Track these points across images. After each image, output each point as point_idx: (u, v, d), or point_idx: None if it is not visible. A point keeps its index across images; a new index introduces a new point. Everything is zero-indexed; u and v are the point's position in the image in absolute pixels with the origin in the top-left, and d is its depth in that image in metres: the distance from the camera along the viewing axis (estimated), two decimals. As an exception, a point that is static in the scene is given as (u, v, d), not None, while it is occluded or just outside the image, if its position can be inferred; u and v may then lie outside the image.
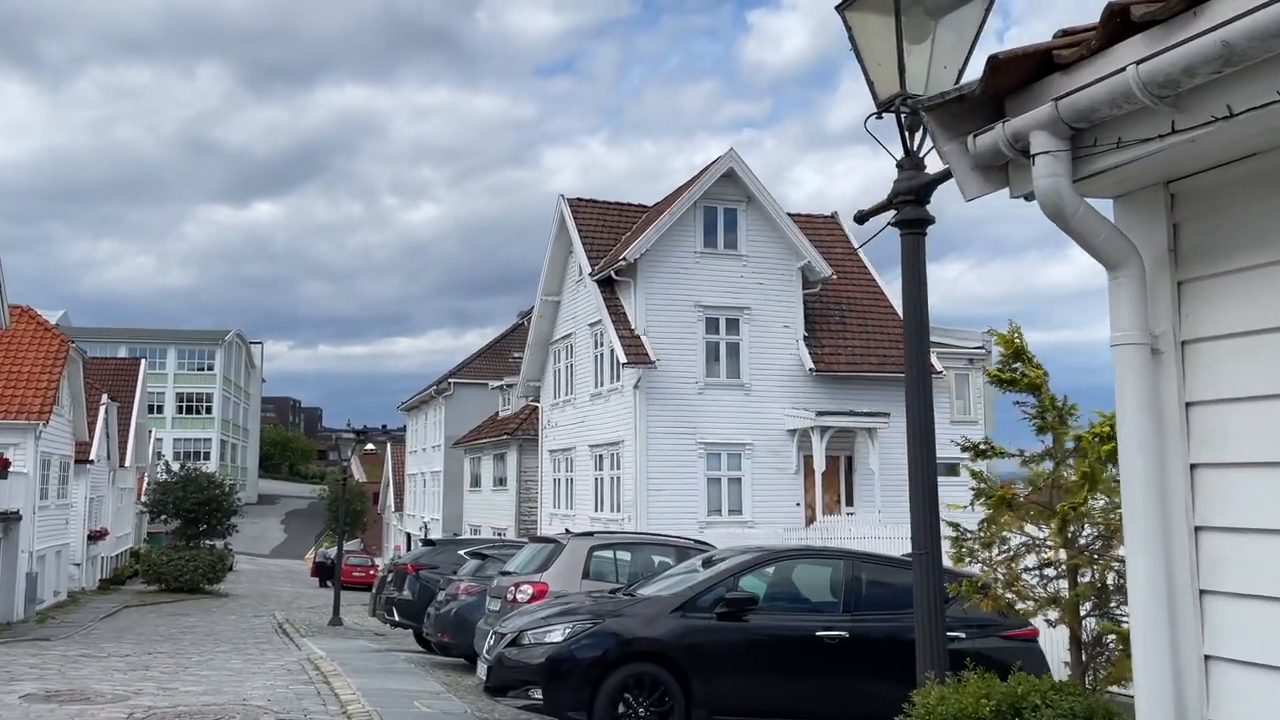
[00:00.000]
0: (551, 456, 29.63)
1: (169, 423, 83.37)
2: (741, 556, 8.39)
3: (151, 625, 23.94)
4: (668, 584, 8.55)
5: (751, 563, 8.20)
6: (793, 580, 8.35)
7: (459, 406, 45.59)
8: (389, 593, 15.49)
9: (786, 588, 8.29)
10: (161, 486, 39.30)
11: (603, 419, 25.37)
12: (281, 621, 23.55)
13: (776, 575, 8.27)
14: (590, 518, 25.94)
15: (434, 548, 15.69)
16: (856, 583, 8.23)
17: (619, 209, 27.94)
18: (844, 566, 8.30)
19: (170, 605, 32.19)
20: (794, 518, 23.99)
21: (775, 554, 8.36)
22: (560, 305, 29.09)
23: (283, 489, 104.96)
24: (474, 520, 39.60)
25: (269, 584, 46.48)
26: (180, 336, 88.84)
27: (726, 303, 24.13)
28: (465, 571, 13.46)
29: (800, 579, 8.39)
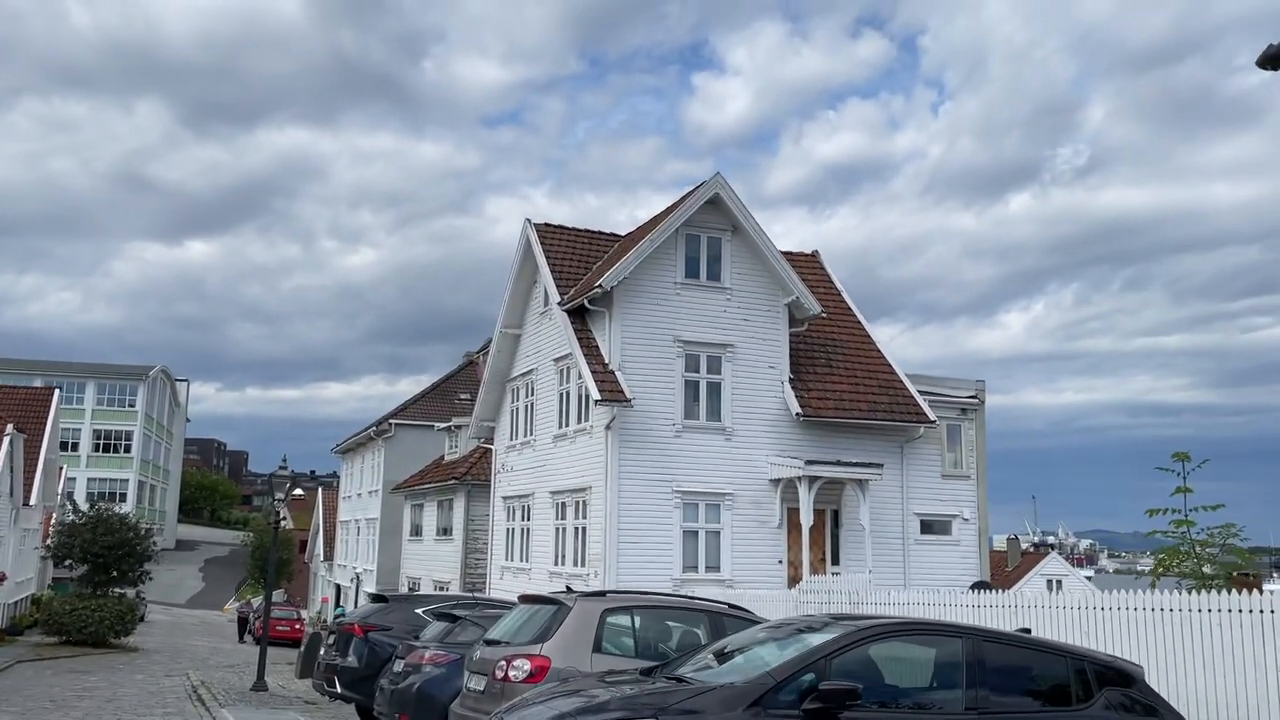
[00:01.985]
0: (505, 504, 27.22)
1: (84, 461, 78.64)
2: (829, 632, 6.27)
3: (44, 686, 20.85)
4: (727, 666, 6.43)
5: (847, 640, 6.10)
6: (898, 663, 6.28)
7: (399, 449, 42.90)
8: (329, 657, 12.99)
9: (890, 673, 6.22)
10: (69, 528, 35.73)
11: (568, 463, 23.14)
12: (196, 685, 20.65)
13: (876, 656, 6.19)
14: (549, 572, 23.59)
15: (386, 605, 13.25)
16: (980, 668, 6.20)
17: (589, 236, 26.01)
18: (963, 646, 6.26)
19: (70, 660, 28.78)
20: (775, 577, 21.94)
21: (875, 628, 6.28)
22: (521, 339, 26.91)
23: (203, 534, 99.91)
24: (413, 572, 36.77)
25: (184, 637, 42.81)
26: (100, 371, 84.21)
27: (708, 338, 22.23)
28: (430, 635, 11.09)
29: (907, 661, 6.33)
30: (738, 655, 6.69)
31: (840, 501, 22.74)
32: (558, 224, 26.11)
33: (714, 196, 22.38)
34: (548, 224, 25.85)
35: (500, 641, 8.65)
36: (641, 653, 8.46)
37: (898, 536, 23.13)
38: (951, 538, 23.88)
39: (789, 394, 22.53)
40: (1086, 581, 55.62)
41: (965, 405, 24.36)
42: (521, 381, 26.69)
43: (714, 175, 22.37)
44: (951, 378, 25.23)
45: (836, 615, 7.62)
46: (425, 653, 10.32)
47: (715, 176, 22.32)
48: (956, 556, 23.81)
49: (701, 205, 22.31)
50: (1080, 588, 53.14)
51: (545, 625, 8.37)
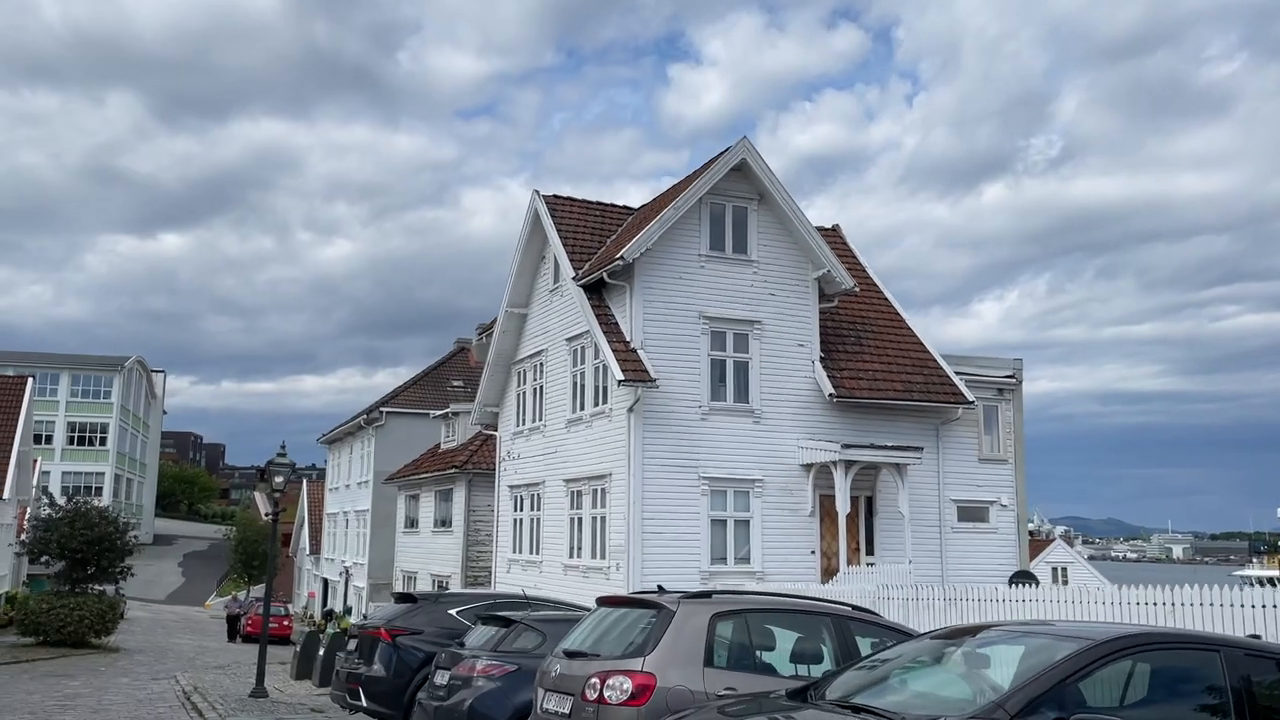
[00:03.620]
0: (512, 493, 25.76)
1: (58, 454, 76.34)
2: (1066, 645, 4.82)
3: (22, 694, 19.20)
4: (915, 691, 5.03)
5: (1091, 657, 4.71)
6: (1152, 683, 4.90)
7: (390, 439, 41.27)
8: (350, 665, 11.47)
9: (1138, 697, 4.86)
10: (45, 523, 33.91)
11: (584, 449, 21.70)
12: (188, 690, 19.09)
13: (1120, 677, 4.82)
14: (563, 564, 22.19)
15: (414, 606, 11.71)
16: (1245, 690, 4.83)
17: (601, 209, 24.51)
18: (1222, 661, 4.90)
19: (49, 663, 27.07)
20: (808, 568, 20.62)
21: (1120, 642, 4.87)
22: (528, 319, 25.43)
23: (181, 529, 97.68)
24: (409, 566, 35.23)
25: (166, 635, 41.04)
26: (75, 361, 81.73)
27: (735, 314, 20.82)
28: (478, 642, 9.59)
29: (1153, 681, 4.95)
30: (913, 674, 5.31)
31: (875, 487, 21.43)
32: (567, 195, 24.60)
33: (740, 163, 20.96)
34: (557, 196, 24.34)
35: (584, 654, 7.18)
36: (759, 666, 7.06)
37: (934, 524, 21.86)
38: (989, 525, 22.64)
39: (820, 374, 21.18)
40: (1093, 570, 54.74)
41: (1002, 385, 23.09)
42: (529, 364, 25.20)
43: (740, 140, 20.95)
44: (986, 356, 23.98)
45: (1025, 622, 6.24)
46: (476, 663, 8.85)
47: (741, 141, 20.89)
48: (994, 545, 22.57)
49: (727, 172, 20.88)
50: (1088, 576, 52.21)
51: (642, 634, 6.91)
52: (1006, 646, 5.22)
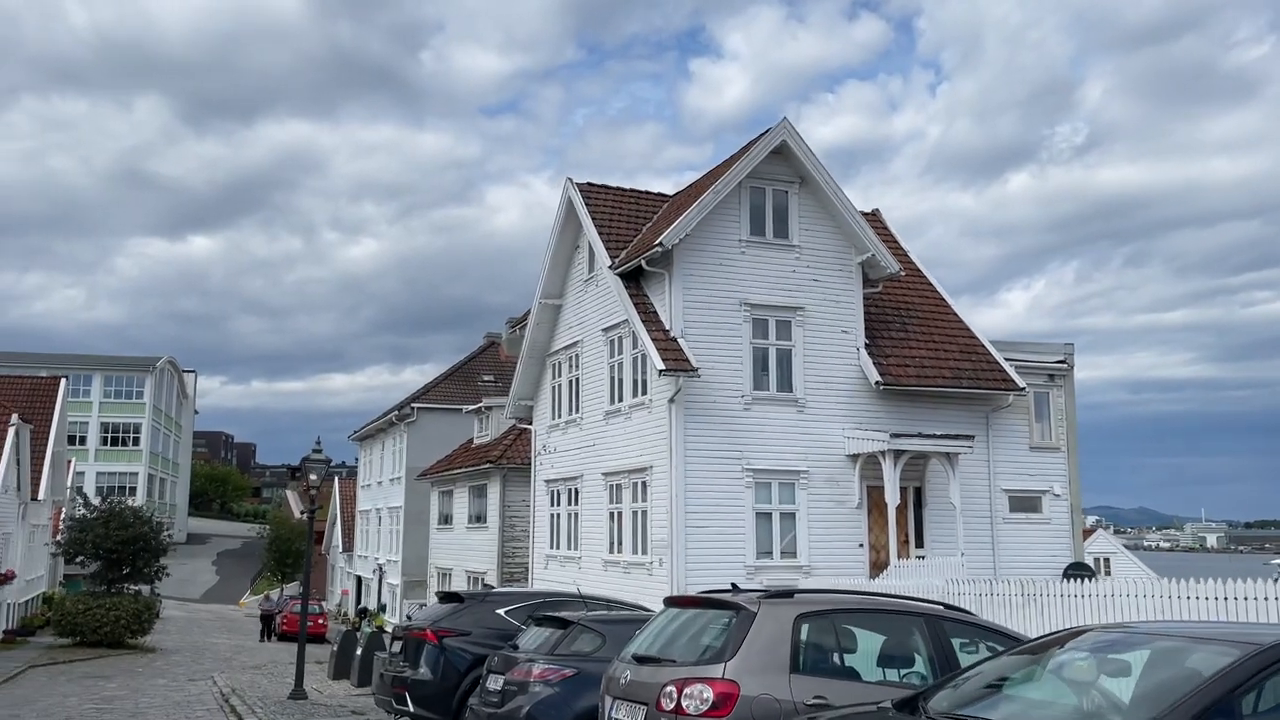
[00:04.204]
0: (548, 488, 25.30)
1: (92, 455, 76.81)
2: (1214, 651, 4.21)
3: (59, 696, 18.98)
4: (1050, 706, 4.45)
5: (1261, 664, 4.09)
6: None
7: (422, 434, 41.03)
8: (394, 667, 10.99)
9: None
10: (80, 523, 33.88)
11: (623, 441, 21.19)
12: (226, 692, 18.77)
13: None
14: (603, 560, 21.69)
15: (460, 605, 11.19)
16: None
17: (636, 197, 23.97)
18: None
19: (86, 664, 26.97)
20: (855, 562, 20.01)
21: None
22: (562, 310, 24.92)
23: (214, 527, 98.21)
24: (443, 563, 34.90)
25: (202, 634, 41.00)
26: (107, 362, 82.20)
27: (777, 301, 20.22)
28: (532, 644, 9.07)
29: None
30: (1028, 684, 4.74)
31: (924, 478, 20.77)
32: (600, 183, 24.07)
33: (780, 145, 20.33)
34: (591, 183, 23.80)
35: (656, 659, 6.64)
36: (846, 672, 6.49)
37: (985, 515, 21.18)
38: (1042, 515, 21.92)
39: (866, 361, 20.54)
40: (1135, 560, 53.63)
41: (1053, 371, 22.34)
42: (564, 355, 24.71)
43: (780, 121, 20.33)
44: (1034, 341, 23.23)
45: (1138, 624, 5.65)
46: (533, 667, 8.35)
47: (781, 123, 20.27)
48: (1047, 536, 21.86)
49: (767, 156, 20.26)
50: (1130, 567, 51.15)
51: (719, 638, 6.34)
52: (1132, 652, 4.64)
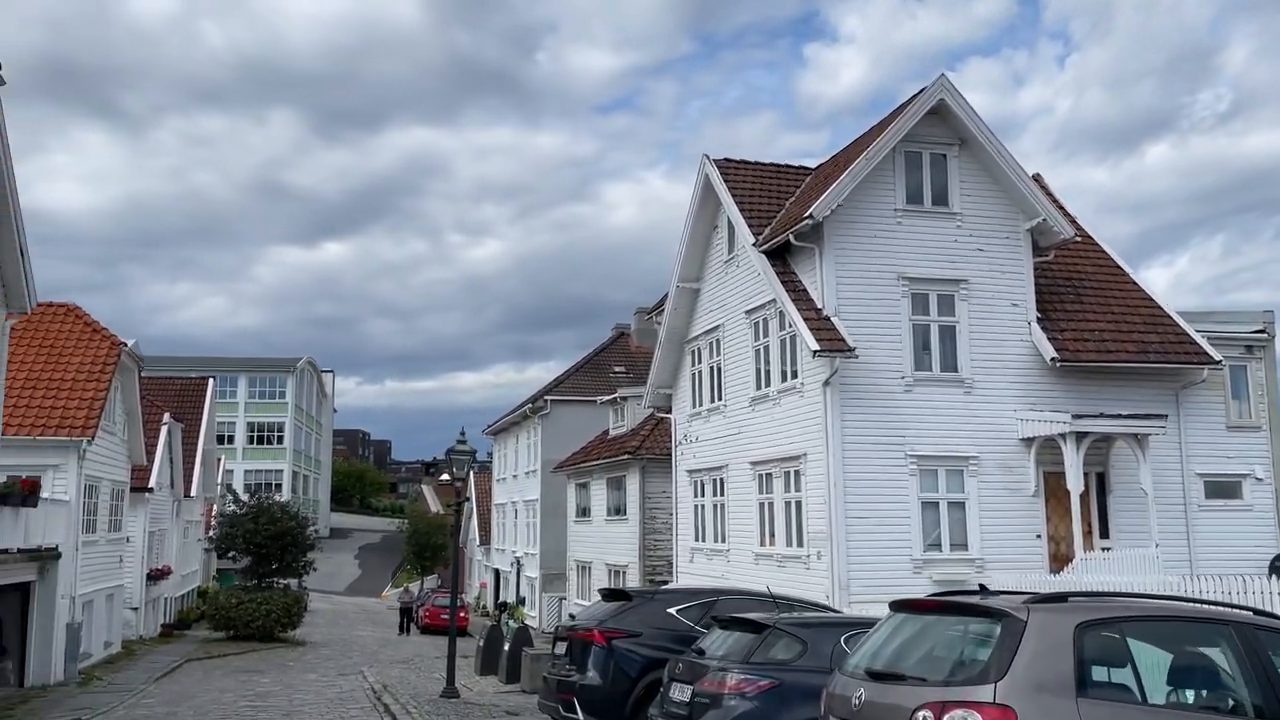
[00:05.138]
0: (691, 478, 24.34)
1: (240, 453, 79.98)
2: None
3: (215, 691, 19.08)
4: None
5: None
6: None
7: (556, 427, 40.74)
8: (560, 670, 10.22)
9: None
10: (230, 519, 34.83)
11: (772, 428, 20.05)
12: (377, 688, 18.51)
13: None
14: (754, 554, 20.61)
15: (627, 604, 10.32)
16: None
17: (776, 171, 22.78)
18: None
19: (239, 657, 27.48)
20: (1032, 554, 18.36)
21: None
22: (701, 294, 23.93)
23: (355, 522, 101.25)
24: (582, 556, 34.41)
25: (348, 628, 41.74)
26: (251, 364, 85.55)
27: (938, 274, 18.73)
28: (719, 650, 8.13)
29: None
30: None
31: (1107, 462, 18.94)
32: (738, 159, 22.96)
33: (938, 104, 18.81)
34: (728, 159, 22.73)
35: (898, 675, 5.57)
36: (1139, 694, 5.29)
37: (1177, 502, 19.19)
38: (1242, 502, 19.76)
39: (1038, 336, 18.84)
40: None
41: (1251, 342, 20.13)
42: (704, 340, 23.71)
43: (937, 78, 18.79)
44: (1227, 310, 21.04)
45: None
46: (726, 677, 7.40)
47: (939, 80, 18.74)
48: (1248, 524, 19.68)
49: (923, 117, 18.78)
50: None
51: (980, 651, 5.22)
52: None
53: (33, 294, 16.53)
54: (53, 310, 23.47)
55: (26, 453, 20.07)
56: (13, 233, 15.50)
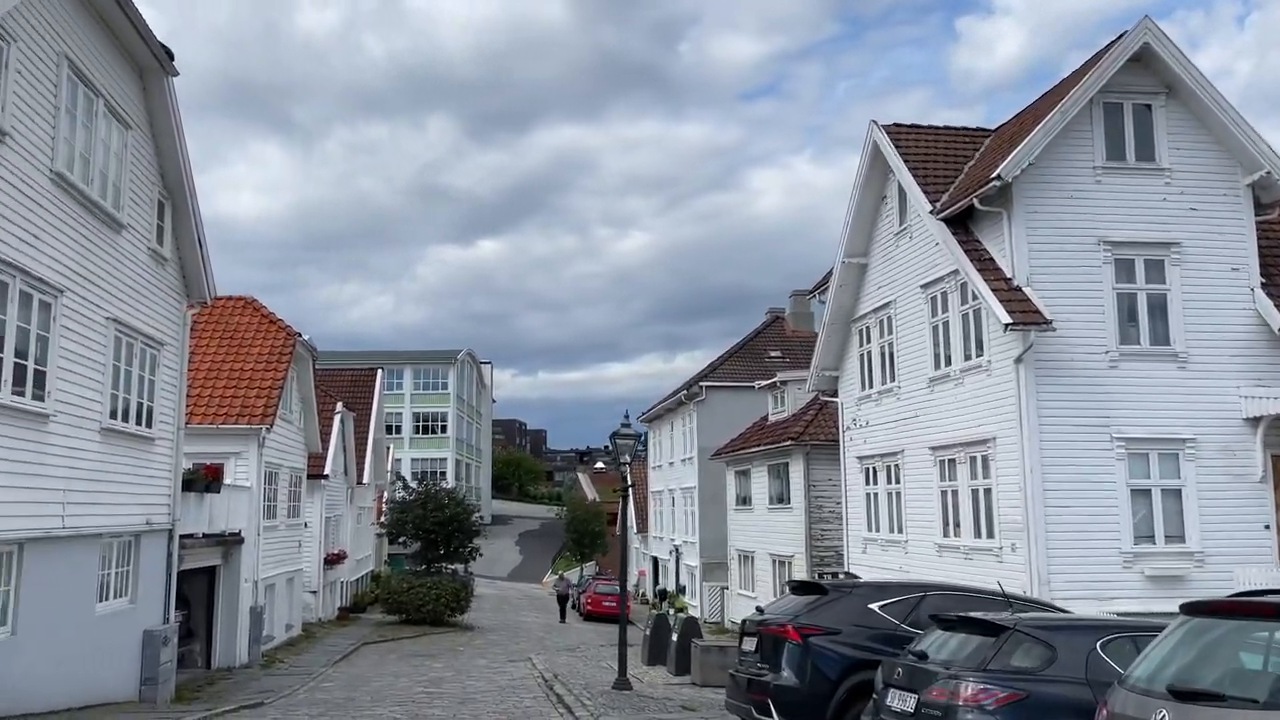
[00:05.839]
0: (862, 465, 23.14)
1: (407, 443, 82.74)
2: None
3: (390, 676, 19.25)
4: None
5: None
6: None
7: (712, 413, 39.98)
8: (750, 668, 9.41)
9: None
10: (400, 505, 35.67)
11: (954, 410, 18.68)
12: (548, 677, 18.23)
13: None
14: (936, 544, 19.29)
15: (822, 598, 9.39)
16: None
17: (951, 135, 21.29)
18: None
19: (412, 642, 27.98)
20: (1260, 548, 16.39)
21: None
22: (869, 270, 22.65)
23: (514, 509, 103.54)
24: (744, 545, 33.58)
25: (513, 613, 42.29)
26: (415, 357, 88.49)
27: (1144, 237, 16.94)
28: (943, 653, 7.15)
29: None
30: None
31: (1348, 444, 16.73)
32: (909, 124, 21.58)
33: (1140, 50, 16.99)
34: (898, 124, 21.39)
35: (1213, 695, 4.53)
36: None
37: None
38: None
39: (1263, 303, 16.80)
40: None
41: None
42: (873, 319, 22.44)
43: (1139, 22, 16.96)
44: None
45: None
46: (960, 686, 6.45)
47: (1143, 21, 16.91)
48: None
49: (1123, 65, 16.99)
50: None
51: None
52: None
53: (212, 285, 16.91)
54: (232, 303, 24.28)
55: (209, 441, 20.76)
56: (190, 224, 15.86)
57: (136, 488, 14.30)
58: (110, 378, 13.19)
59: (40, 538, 11.19)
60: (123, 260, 13.65)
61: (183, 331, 16.34)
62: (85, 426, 12.40)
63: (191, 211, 15.71)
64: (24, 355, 10.68)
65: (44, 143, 11.11)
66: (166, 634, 15.19)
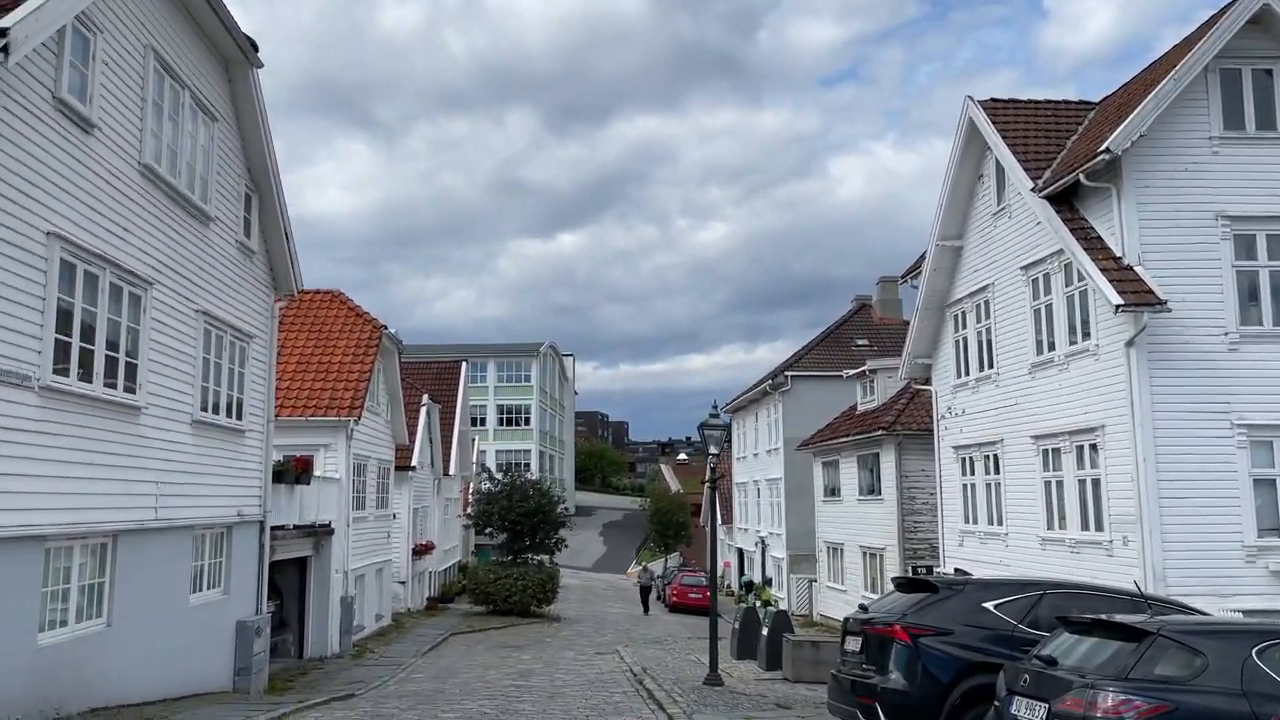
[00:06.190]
0: (958, 455, 22.30)
1: (491, 435, 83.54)
2: None
3: (479, 668, 19.19)
4: None
5: None
6: None
7: (798, 403, 39.27)
8: (854, 669, 8.88)
9: None
10: (486, 496, 35.86)
11: (1058, 397, 17.79)
12: (637, 671, 17.94)
13: None
14: (1040, 538, 18.43)
15: (932, 595, 8.82)
16: None
17: (1051, 109, 20.29)
18: None
19: (499, 632, 28.03)
20: (1400, 541, 15.19)
21: None
22: (964, 252, 21.79)
23: (598, 500, 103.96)
24: (832, 537, 32.86)
25: (598, 604, 42.24)
26: (499, 350, 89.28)
27: (1266, 210, 15.84)
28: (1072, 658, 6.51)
29: None
30: None
31: None
32: (1006, 98, 20.66)
33: (1260, 11, 15.86)
34: (995, 99, 20.48)
35: None
36: None
37: None
38: None
39: (1402, 279, 15.56)
40: None
41: None
42: (969, 303, 21.57)
43: (1260, -21, 15.82)
44: None
45: None
46: (1099, 697, 5.86)
47: (1264, -20, 15.77)
48: None
49: (1241, 28, 15.88)
50: None
51: None
52: None
53: (299, 277, 16.98)
54: (320, 297, 24.53)
55: (298, 433, 20.96)
56: (276, 217, 15.92)
57: (228, 480, 14.40)
58: (200, 370, 13.28)
59: (134, 530, 11.27)
60: (211, 253, 13.73)
61: (271, 324, 16.43)
62: (176, 419, 12.48)
63: (277, 204, 15.78)
64: (115, 348, 10.74)
65: (132, 135, 11.16)
66: (259, 624, 15.31)
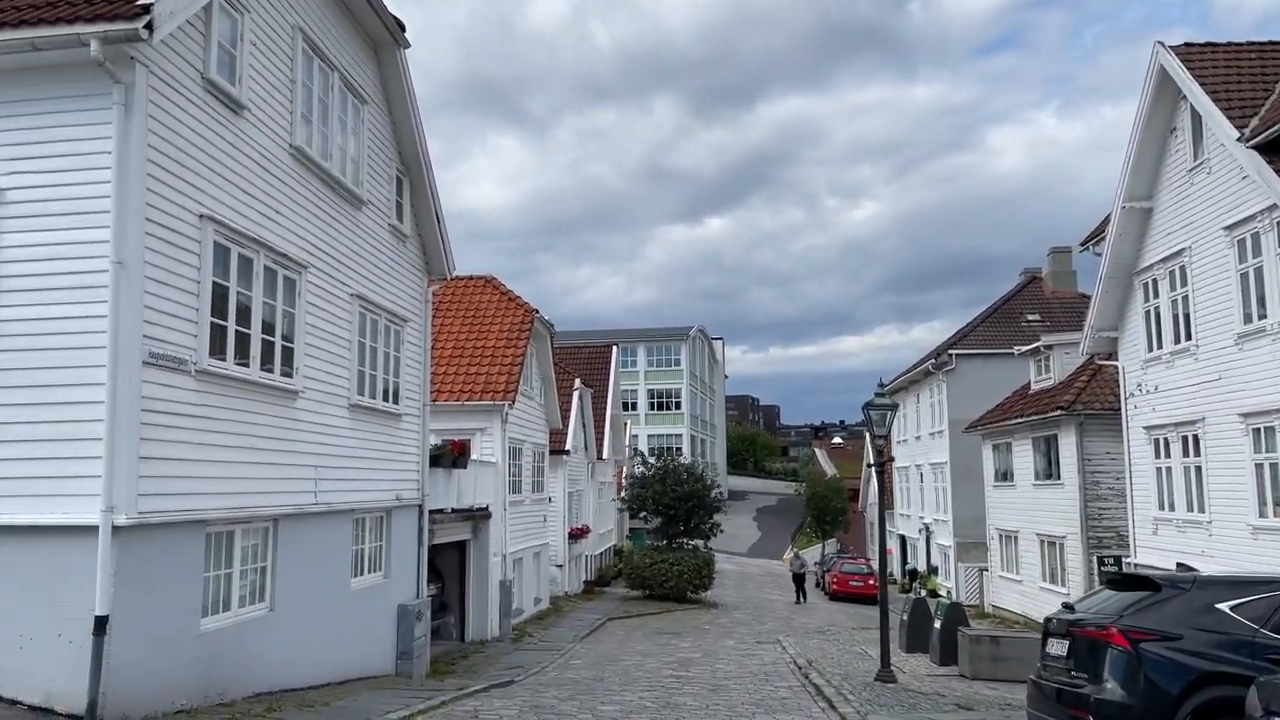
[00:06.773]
0: (1150, 435, 20.43)
1: (642, 419, 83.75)
2: None
3: (637, 656, 18.80)
4: None
5: None
6: None
7: (962, 383, 37.36)
8: (1062, 675, 7.83)
9: None
10: (639, 480, 35.59)
11: (1273, 370, 15.91)
12: (801, 663, 17.14)
13: None
14: (1250, 525, 16.57)
15: (1154, 595, 7.69)
16: None
17: (1257, 50, 18.21)
18: None
19: (656, 619, 27.68)
20: None
21: None
22: (1154, 214, 19.88)
23: (750, 485, 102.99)
24: (1005, 524, 31.02)
25: (755, 590, 41.46)
26: (648, 335, 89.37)
27: None
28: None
29: None
30: None
31: None
32: (1203, 43, 18.66)
33: None
34: (1189, 44, 18.53)
35: None
36: None
37: None
38: None
39: None
40: None
41: None
42: (1162, 269, 19.68)
43: None
44: None
45: None
46: None
47: None
48: None
49: None
50: None
51: None
52: None
53: (451, 260, 16.88)
54: (473, 283, 24.64)
55: (454, 417, 21.05)
56: (428, 200, 15.82)
57: (386, 464, 14.39)
58: (356, 354, 13.25)
59: (294, 514, 11.26)
60: (364, 237, 13.68)
61: (425, 308, 16.39)
62: (333, 403, 12.46)
63: (428, 186, 15.67)
64: (270, 332, 10.71)
65: (282, 117, 11.09)
66: (419, 608, 15.31)
